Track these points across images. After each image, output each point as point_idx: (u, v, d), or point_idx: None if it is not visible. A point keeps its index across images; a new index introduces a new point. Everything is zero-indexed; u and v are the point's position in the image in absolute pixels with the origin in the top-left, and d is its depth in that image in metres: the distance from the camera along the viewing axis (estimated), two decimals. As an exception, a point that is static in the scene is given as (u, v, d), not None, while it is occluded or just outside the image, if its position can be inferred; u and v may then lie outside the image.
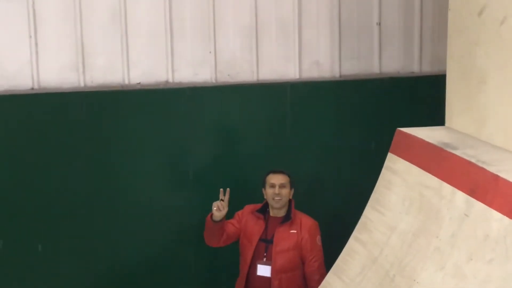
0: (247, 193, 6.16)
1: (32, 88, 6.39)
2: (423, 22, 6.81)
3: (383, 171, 5.26)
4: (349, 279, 5.03)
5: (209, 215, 5.75)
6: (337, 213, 6.53)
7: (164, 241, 6.70)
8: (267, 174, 5.89)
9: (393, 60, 6.86)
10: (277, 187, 5.78)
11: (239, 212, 5.94)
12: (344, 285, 5.02)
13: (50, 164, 6.42)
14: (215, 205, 5.65)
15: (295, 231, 5.78)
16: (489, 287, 3.83)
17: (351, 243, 5.25)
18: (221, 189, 5.67)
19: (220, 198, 5.66)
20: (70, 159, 6.45)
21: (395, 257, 4.72)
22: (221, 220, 5.72)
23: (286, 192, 5.82)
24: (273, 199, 5.80)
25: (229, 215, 5.79)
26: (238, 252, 5.96)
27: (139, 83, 6.54)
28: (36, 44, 6.34)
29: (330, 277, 5.28)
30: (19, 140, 6.36)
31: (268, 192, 5.84)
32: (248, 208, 5.98)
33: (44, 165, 6.42)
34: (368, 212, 5.23)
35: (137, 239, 6.62)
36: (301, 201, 5.96)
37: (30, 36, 6.32)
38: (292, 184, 5.86)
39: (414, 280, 4.42)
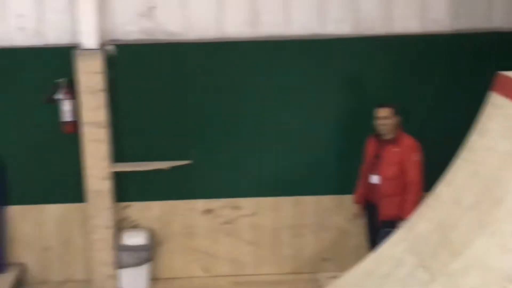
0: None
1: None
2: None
3: (487, 105, 5.32)
4: (456, 186, 5.22)
5: None
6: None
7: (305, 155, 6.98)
8: (375, 108, 6.22)
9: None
10: (380, 119, 6.14)
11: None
12: (451, 190, 5.23)
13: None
14: None
15: (398, 150, 6.14)
16: None
17: (458, 162, 5.36)
18: None
19: None
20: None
21: (491, 173, 4.86)
22: None
23: (388, 122, 6.14)
24: (378, 128, 6.19)
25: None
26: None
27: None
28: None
29: (439, 188, 5.40)
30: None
31: (376, 123, 6.20)
32: (370, 136, 6.40)
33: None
34: (473, 138, 5.35)
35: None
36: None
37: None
38: (397, 112, 6.14)
39: (505, 189, 4.58)
